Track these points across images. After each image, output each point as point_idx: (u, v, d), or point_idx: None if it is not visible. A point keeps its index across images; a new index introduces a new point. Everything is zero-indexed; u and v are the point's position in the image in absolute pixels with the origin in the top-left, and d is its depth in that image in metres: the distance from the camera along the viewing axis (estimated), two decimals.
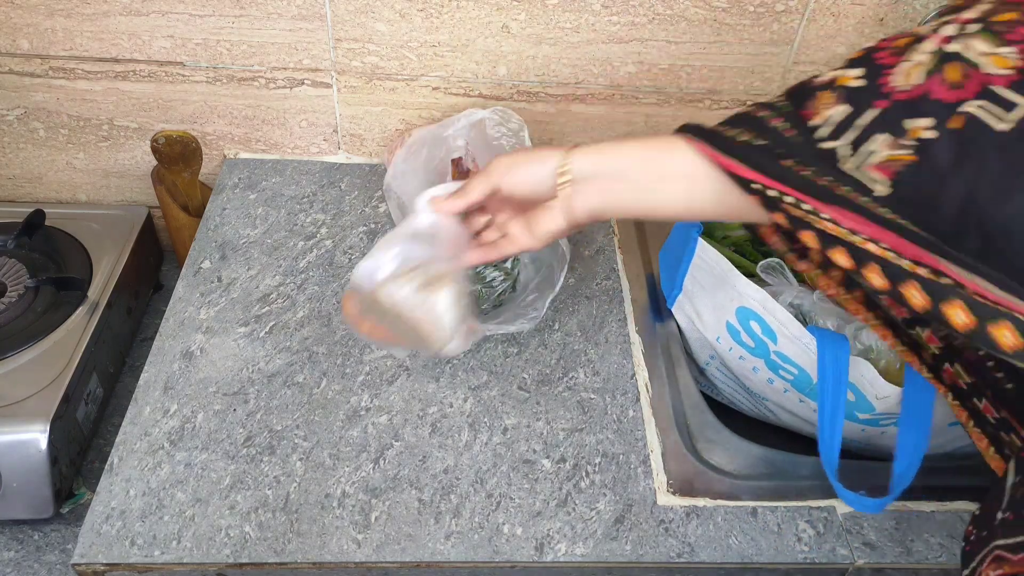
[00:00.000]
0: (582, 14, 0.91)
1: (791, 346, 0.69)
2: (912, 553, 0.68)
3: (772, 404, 0.78)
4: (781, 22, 0.92)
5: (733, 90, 0.99)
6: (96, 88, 0.96)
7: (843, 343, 0.66)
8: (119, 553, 0.63)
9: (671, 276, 0.82)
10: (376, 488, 0.68)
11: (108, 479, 0.68)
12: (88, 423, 0.86)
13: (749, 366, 0.75)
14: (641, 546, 0.66)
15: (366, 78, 0.97)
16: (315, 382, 0.77)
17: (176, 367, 0.77)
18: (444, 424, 0.74)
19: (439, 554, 0.64)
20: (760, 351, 0.73)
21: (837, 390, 0.66)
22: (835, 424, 0.66)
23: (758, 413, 0.82)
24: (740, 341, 0.74)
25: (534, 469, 0.71)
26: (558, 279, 0.81)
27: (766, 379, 0.74)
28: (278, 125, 1.01)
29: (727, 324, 0.75)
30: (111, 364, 0.93)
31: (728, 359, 0.78)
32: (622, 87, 0.98)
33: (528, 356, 0.81)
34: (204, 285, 0.85)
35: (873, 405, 0.68)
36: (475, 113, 0.87)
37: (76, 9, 0.89)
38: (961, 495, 0.72)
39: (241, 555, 0.63)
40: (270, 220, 0.94)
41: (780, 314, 0.69)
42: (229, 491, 0.67)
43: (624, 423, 0.75)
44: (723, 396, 0.85)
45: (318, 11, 0.90)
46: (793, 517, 0.69)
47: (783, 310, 0.69)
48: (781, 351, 0.71)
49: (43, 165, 1.04)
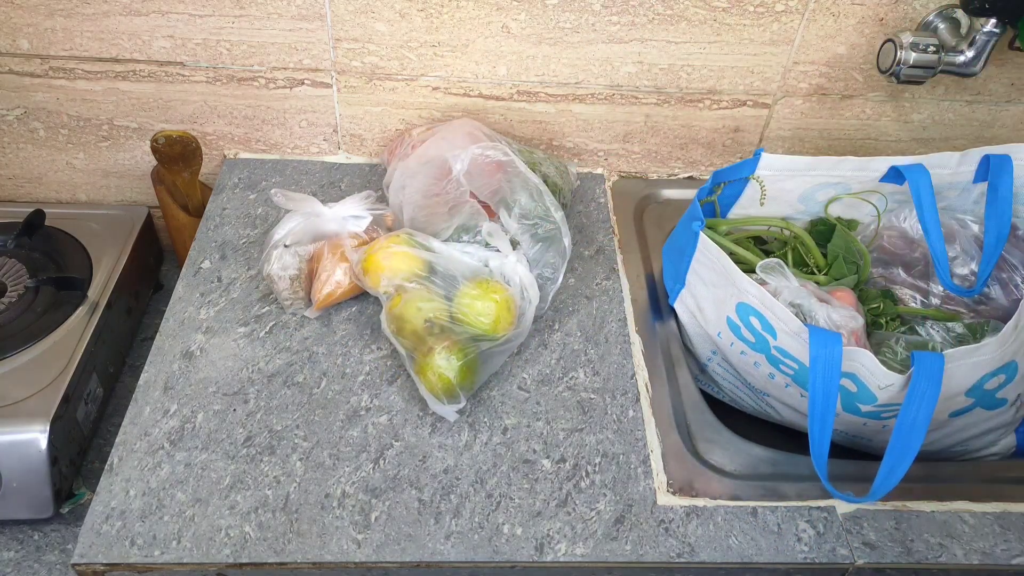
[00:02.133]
0: (582, 14, 0.91)
1: (791, 341, 0.69)
2: (912, 553, 0.68)
3: (774, 400, 0.78)
4: (781, 22, 0.92)
5: (733, 90, 0.99)
6: (96, 88, 0.96)
7: (835, 339, 0.65)
8: (119, 553, 0.63)
9: (674, 270, 0.82)
10: (376, 488, 0.68)
11: (108, 479, 0.68)
12: (88, 423, 0.86)
13: (751, 361, 0.75)
14: (641, 546, 0.66)
15: (366, 78, 0.97)
16: (315, 382, 0.77)
17: (176, 367, 0.77)
18: (444, 424, 0.74)
19: (439, 554, 0.64)
20: (761, 346, 0.73)
21: (828, 385, 0.65)
22: (825, 422, 0.65)
23: (760, 410, 0.82)
24: (741, 336, 0.74)
25: (534, 469, 0.71)
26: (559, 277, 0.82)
27: (767, 374, 0.74)
28: (278, 125, 1.01)
29: (728, 319, 0.75)
30: (111, 364, 0.93)
31: (729, 354, 0.78)
32: (622, 87, 0.98)
33: (528, 356, 0.81)
34: (204, 285, 0.85)
35: (875, 395, 0.68)
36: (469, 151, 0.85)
37: (76, 9, 0.89)
38: (961, 495, 0.72)
39: (241, 555, 0.63)
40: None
41: (778, 310, 0.69)
42: (229, 491, 0.67)
43: (624, 423, 0.75)
44: (724, 393, 0.85)
45: (318, 11, 0.90)
46: (793, 517, 0.69)
47: (781, 306, 0.69)
48: (781, 346, 0.71)
49: (43, 165, 1.04)
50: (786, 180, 0.82)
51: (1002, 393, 0.69)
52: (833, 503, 0.70)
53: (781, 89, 0.99)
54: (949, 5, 0.90)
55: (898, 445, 0.63)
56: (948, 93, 0.99)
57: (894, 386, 0.66)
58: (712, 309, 0.77)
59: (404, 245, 0.78)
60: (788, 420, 0.80)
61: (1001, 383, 0.68)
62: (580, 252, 0.93)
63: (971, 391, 0.68)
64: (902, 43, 0.87)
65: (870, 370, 0.66)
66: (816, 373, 0.65)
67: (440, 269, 0.77)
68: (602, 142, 1.04)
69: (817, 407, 0.65)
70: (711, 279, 0.76)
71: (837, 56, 0.95)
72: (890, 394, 0.67)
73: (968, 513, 0.71)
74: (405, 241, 0.79)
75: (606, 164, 1.07)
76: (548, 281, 0.81)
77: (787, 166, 0.81)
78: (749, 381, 0.79)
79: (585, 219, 0.98)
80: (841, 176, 0.82)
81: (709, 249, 0.74)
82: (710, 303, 0.77)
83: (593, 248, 0.94)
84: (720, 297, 0.75)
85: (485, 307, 0.74)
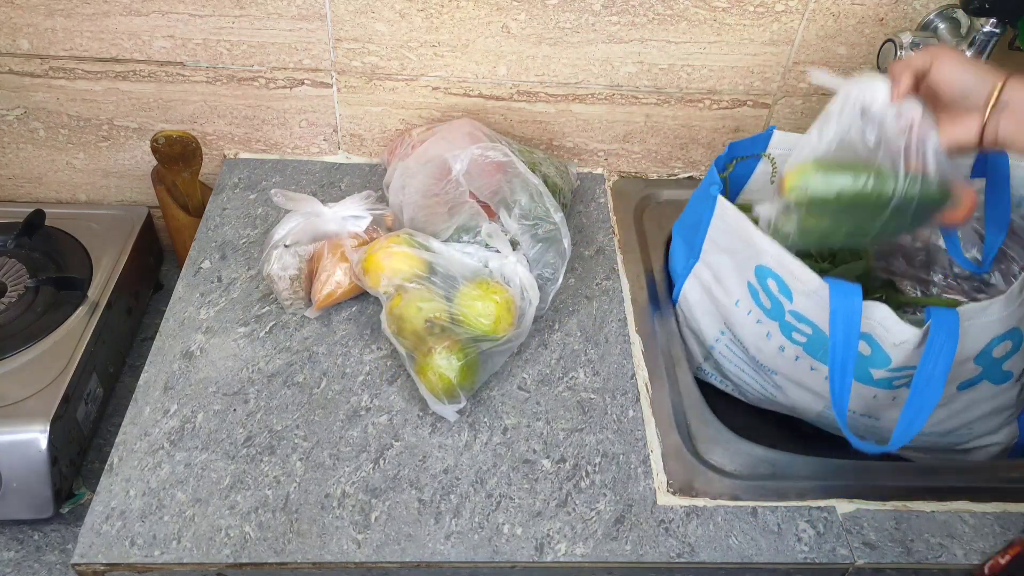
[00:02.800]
0: (582, 14, 0.91)
1: (806, 302, 0.69)
2: (912, 553, 0.68)
3: (781, 378, 0.78)
4: (781, 22, 0.92)
5: (733, 90, 0.99)
6: (96, 88, 0.96)
7: (855, 290, 0.65)
8: (119, 553, 0.63)
9: (687, 246, 0.83)
10: (376, 488, 0.68)
11: (108, 479, 0.68)
12: (88, 423, 0.86)
13: (763, 331, 0.75)
14: (641, 546, 0.66)
15: (366, 78, 0.97)
16: (315, 382, 0.77)
17: (176, 367, 0.77)
18: (444, 424, 0.74)
19: (439, 554, 0.64)
20: (776, 312, 0.73)
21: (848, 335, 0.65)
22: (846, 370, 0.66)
23: (764, 395, 0.82)
24: (758, 302, 0.74)
25: (534, 469, 0.71)
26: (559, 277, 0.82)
27: (778, 347, 0.75)
28: (278, 125, 1.01)
29: (747, 284, 0.75)
30: (111, 364, 0.93)
31: (742, 327, 0.78)
32: (622, 87, 0.98)
33: (528, 356, 0.81)
34: (204, 285, 0.85)
35: (889, 356, 0.68)
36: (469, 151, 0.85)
37: (76, 9, 0.89)
38: (961, 495, 0.72)
39: (241, 555, 0.63)
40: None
41: (795, 268, 0.69)
42: (229, 491, 0.67)
43: (624, 423, 0.75)
44: (728, 380, 0.85)
45: (318, 11, 0.90)
46: (793, 517, 0.69)
47: (798, 263, 0.69)
48: (796, 309, 0.71)
49: (43, 165, 1.04)
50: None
51: (1008, 364, 0.70)
52: (833, 503, 0.70)
53: (781, 89, 0.99)
54: (949, 5, 0.90)
55: (916, 399, 0.64)
56: None
57: (908, 342, 0.66)
58: (731, 276, 0.77)
59: (404, 245, 0.78)
60: (793, 402, 0.80)
61: (1008, 351, 0.69)
62: (580, 252, 0.93)
63: (980, 357, 0.69)
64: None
65: (885, 326, 0.66)
66: (836, 325, 0.65)
67: (440, 269, 0.77)
68: (602, 142, 1.04)
69: (837, 357, 0.66)
70: (729, 245, 0.76)
71: (837, 56, 0.95)
72: (904, 353, 0.67)
73: (968, 513, 0.71)
74: (405, 241, 0.79)
75: (606, 164, 1.07)
76: (548, 281, 0.81)
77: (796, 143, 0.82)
78: (758, 359, 0.78)
79: (585, 219, 0.98)
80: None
81: (727, 213, 0.74)
82: (730, 270, 0.77)
83: (593, 248, 0.94)
84: (739, 262, 0.75)
85: (485, 308, 0.74)
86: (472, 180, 0.83)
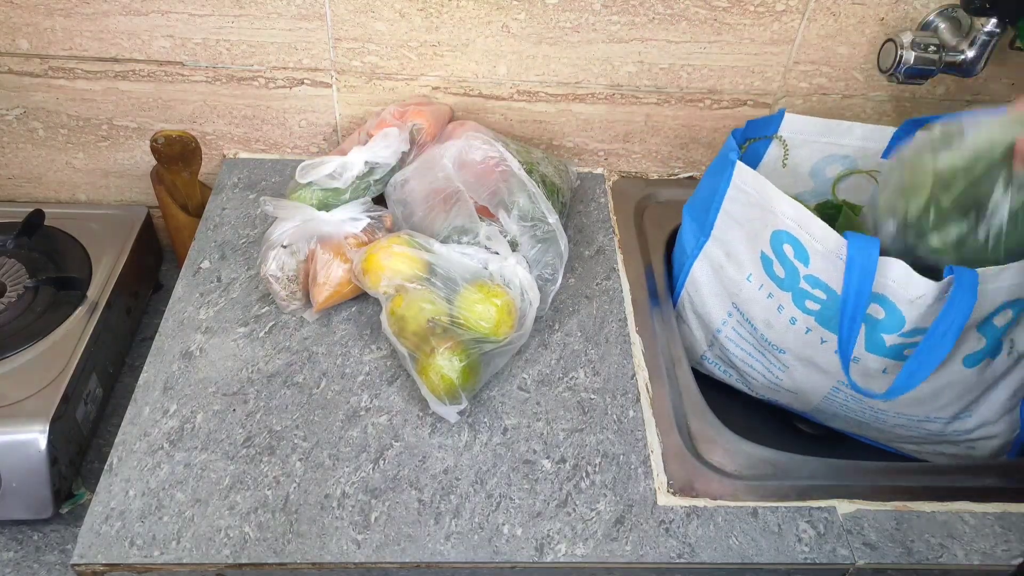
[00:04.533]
0: (582, 14, 0.91)
1: (823, 264, 0.70)
2: (912, 553, 0.68)
3: (789, 357, 0.78)
4: (781, 22, 0.92)
5: (733, 90, 0.99)
6: (96, 88, 0.96)
7: (873, 243, 0.66)
8: (118, 553, 0.63)
9: (698, 223, 0.83)
10: (376, 488, 0.68)
11: (107, 479, 0.67)
12: (87, 423, 0.86)
13: (774, 305, 0.76)
14: (641, 546, 0.66)
15: (366, 78, 0.97)
16: (315, 382, 0.76)
17: (175, 367, 0.77)
18: (444, 424, 0.74)
19: (439, 554, 0.64)
20: (790, 280, 0.73)
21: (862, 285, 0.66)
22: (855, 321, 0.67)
23: (769, 380, 0.82)
24: (771, 273, 0.75)
25: (534, 469, 0.71)
26: (558, 278, 0.82)
27: (789, 319, 0.75)
28: (278, 125, 1.01)
29: (761, 255, 0.75)
30: (111, 364, 0.93)
31: (753, 303, 0.78)
32: (622, 87, 0.98)
33: (528, 356, 0.81)
34: (204, 285, 0.85)
35: (903, 316, 0.68)
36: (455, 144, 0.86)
37: (76, 9, 0.89)
38: (961, 495, 0.72)
39: (241, 555, 0.63)
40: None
41: (815, 228, 0.69)
42: (229, 491, 0.67)
43: (624, 423, 0.75)
44: (733, 367, 0.85)
45: (318, 11, 0.90)
46: (793, 517, 0.69)
47: (818, 222, 0.69)
48: (812, 273, 0.71)
49: (42, 165, 1.04)
50: (801, 147, 0.86)
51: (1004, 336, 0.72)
52: (833, 503, 0.70)
53: (782, 89, 0.99)
54: (950, 5, 0.90)
55: (925, 350, 0.65)
56: (949, 93, 0.99)
57: (925, 297, 0.66)
58: (745, 249, 0.78)
59: (404, 246, 0.78)
60: (798, 385, 0.80)
61: (1008, 320, 0.70)
62: (580, 252, 0.93)
63: (983, 326, 0.69)
64: (903, 43, 0.87)
65: (901, 283, 0.66)
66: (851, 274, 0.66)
67: (440, 271, 0.77)
68: (602, 142, 1.04)
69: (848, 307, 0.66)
70: (744, 215, 0.77)
71: (838, 56, 0.95)
72: (919, 312, 0.67)
73: (968, 513, 0.71)
74: (405, 242, 0.79)
75: (606, 164, 1.07)
76: (548, 282, 0.81)
77: (806, 127, 0.85)
78: (767, 336, 0.79)
79: (585, 219, 0.98)
80: (849, 147, 0.85)
81: (745, 178, 0.75)
82: (742, 243, 0.78)
83: (593, 248, 0.94)
84: (754, 231, 0.76)
85: (486, 311, 0.74)
86: (469, 182, 0.83)
